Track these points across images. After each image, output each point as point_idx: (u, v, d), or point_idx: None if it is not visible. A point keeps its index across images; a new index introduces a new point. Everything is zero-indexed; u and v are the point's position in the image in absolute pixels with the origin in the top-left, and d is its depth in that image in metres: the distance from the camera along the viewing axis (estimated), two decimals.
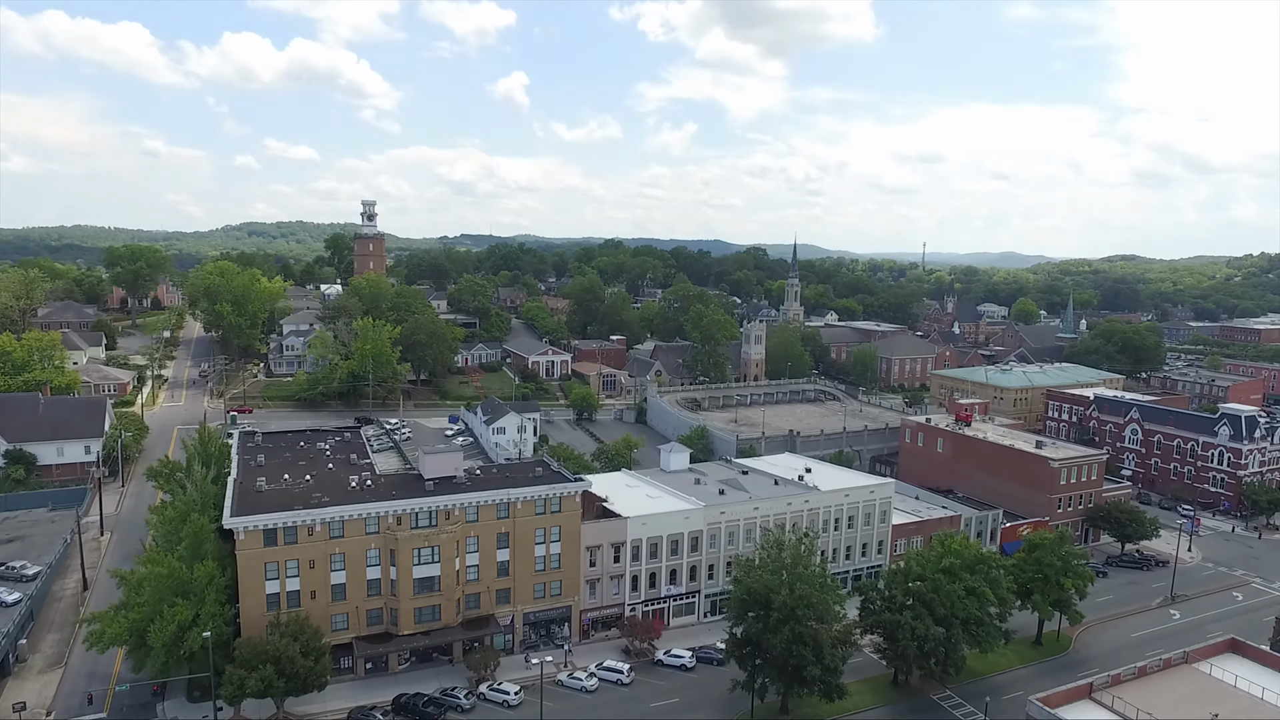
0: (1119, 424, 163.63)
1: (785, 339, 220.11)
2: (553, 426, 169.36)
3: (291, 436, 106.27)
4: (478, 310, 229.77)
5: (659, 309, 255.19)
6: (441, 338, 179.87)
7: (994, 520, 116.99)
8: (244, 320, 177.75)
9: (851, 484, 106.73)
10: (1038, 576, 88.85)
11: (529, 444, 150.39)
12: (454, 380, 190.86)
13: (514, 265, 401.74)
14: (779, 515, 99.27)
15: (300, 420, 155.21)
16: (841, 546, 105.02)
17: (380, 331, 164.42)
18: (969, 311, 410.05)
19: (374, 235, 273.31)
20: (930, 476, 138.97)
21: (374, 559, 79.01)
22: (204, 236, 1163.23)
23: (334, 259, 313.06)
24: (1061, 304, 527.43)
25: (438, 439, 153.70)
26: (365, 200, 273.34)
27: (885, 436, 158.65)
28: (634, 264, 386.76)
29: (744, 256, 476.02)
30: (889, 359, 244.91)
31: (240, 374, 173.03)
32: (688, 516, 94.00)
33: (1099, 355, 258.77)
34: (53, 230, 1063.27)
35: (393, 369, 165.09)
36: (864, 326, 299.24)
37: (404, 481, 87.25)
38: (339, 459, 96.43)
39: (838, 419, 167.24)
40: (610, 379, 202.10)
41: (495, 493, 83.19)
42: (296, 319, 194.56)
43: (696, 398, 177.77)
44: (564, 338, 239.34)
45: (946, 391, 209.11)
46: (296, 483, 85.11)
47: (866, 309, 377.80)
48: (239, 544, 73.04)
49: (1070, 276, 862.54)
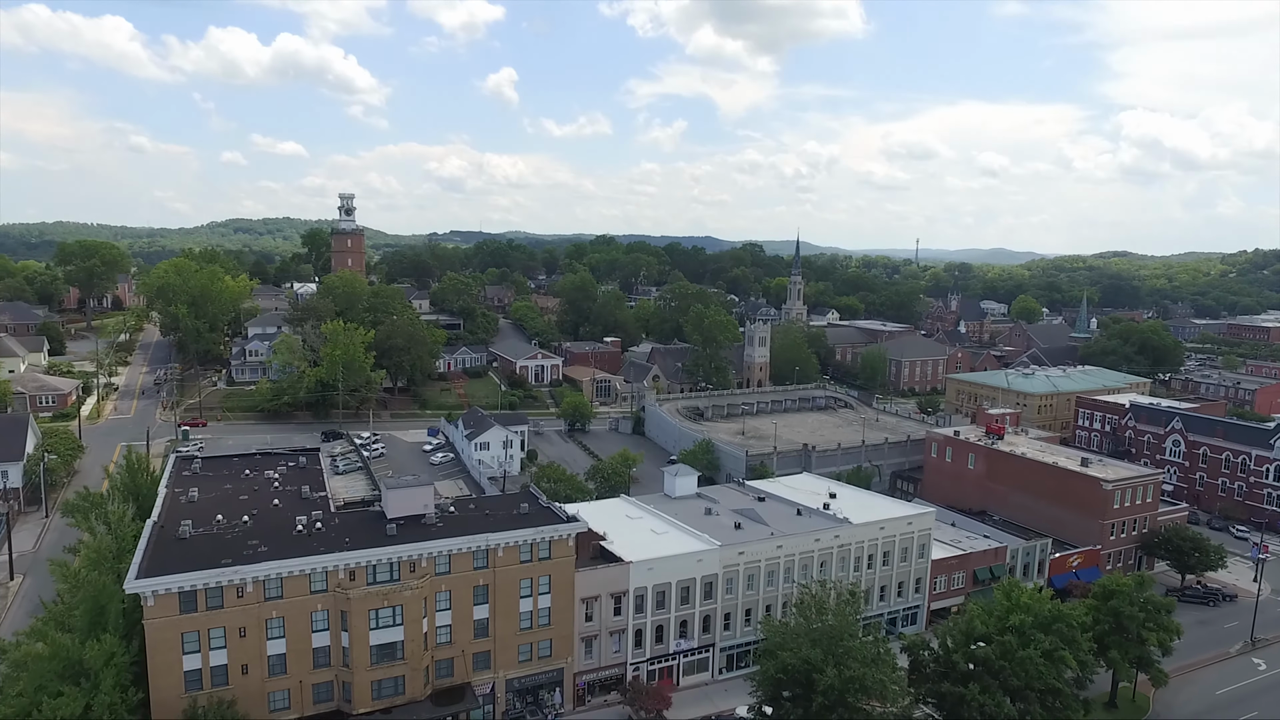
0: (1159, 435, 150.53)
1: (791, 341, 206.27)
2: (542, 439, 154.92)
3: (238, 462, 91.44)
4: (462, 310, 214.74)
5: (655, 309, 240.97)
6: (421, 341, 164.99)
7: (1042, 551, 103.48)
8: (203, 323, 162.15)
9: (886, 514, 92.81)
10: (1115, 630, 75.28)
11: (516, 460, 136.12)
12: (435, 387, 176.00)
13: (503, 262, 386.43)
14: (805, 554, 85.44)
15: (262, 434, 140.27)
16: (875, 586, 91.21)
17: (352, 335, 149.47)
18: (972, 309, 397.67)
19: (353, 230, 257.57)
20: (959, 496, 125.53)
21: (321, 622, 64.50)
22: (189, 233, 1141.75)
23: (311, 256, 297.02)
24: (1063, 301, 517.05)
25: (414, 455, 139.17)
26: (343, 194, 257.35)
27: (906, 450, 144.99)
28: (627, 261, 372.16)
29: (740, 253, 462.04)
30: (898, 361, 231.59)
31: (197, 383, 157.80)
32: (701, 559, 79.88)
33: (1116, 356, 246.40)
34: (34, 227, 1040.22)
35: (366, 376, 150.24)
36: (869, 326, 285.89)
37: (362, 523, 72.68)
38: (289, 491, 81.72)
39: (854, 430, 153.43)
40: (604, 385, 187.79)
41: (471, 539, 68.76)
42: (263, 321, 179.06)
43: (699, 406, 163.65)
44: (554, 339, 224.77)
45: (964, 397, 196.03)
46: (231, 525, 70.40)
47: (868, 307, 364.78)
48: (147, 611, 58.39)
49: (1065, 273, 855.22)
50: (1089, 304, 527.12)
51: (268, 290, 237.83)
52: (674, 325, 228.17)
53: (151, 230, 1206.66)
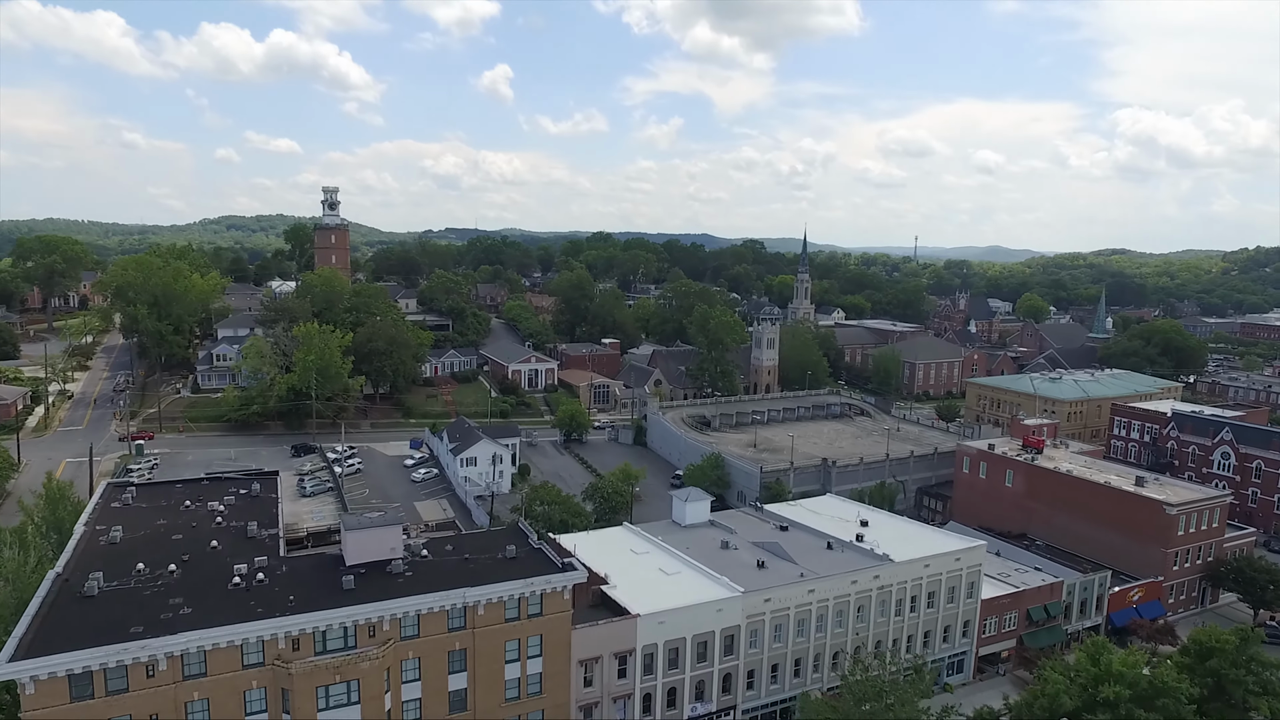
0: (1205, 447, 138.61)
1: (800, 343, 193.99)
2: (536, 451, 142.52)
3: (180, 490, 78.70)
4: (451, 310, 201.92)
5: (655, 308, 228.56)
6: (405, 344, 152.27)
7: (1100, 585, 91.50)
8: (166, 325, 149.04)
9: (931, 549, 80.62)
10: (1215, 696, 63.27)
11: (506, 476, 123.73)
12: (420, 394, 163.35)
13: (496, 259, 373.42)
14: (841, 599, 73.28)
15: (227, 448, 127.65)
16: (918, 632, 79.13)
17: (327, 338, 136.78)
18: (981, 308, 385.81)
19: (336, 226, 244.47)
20: (994, 516, 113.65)
21: (257, 703, 52.09)
22: (181, 230, 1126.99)
23: (295, 252, 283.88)
24: (1068, 299, 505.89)
25: (394, 471, 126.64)
26: (327, 187, 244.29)
27: (934, 464, 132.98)
28: (625, 258, 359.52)
29: (741, 250, 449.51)
30: (912, 364, 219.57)
31: (159, 391, 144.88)
32: (721, 608, 67.62)
33: (1139, 358, 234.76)
34: (23, 224, 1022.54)
35: (343, 384, 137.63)
36: (879, 326, 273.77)
37: (316, 571, 60.26)
38: (233, 528, 69.18)
39: (875, 442, 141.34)
40: (603, 390, 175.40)
41: (446, 596, 56.36)
42: (234, 323, 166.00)
43: (705, 415, 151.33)
44: (549, 341, 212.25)
45: (985, 403, 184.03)
46: (154, 576, 57.89)
47: (874, 306, 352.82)
48: (26, 702, 45.87)
49: (1066, 270, 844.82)
50: (1091, 302, 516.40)
51: (243, 289, 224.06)
52: (676, 325, 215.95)
53: (143, 227, 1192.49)
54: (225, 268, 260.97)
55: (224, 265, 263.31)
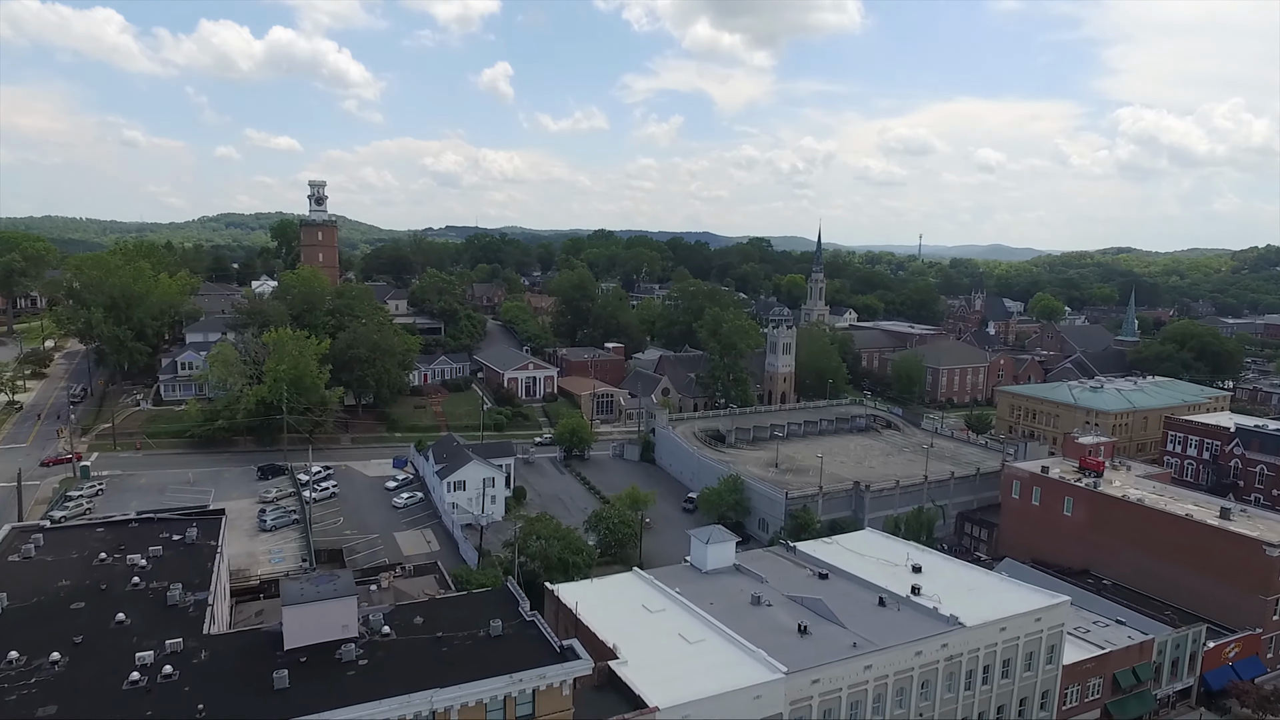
0: (1276, 466, 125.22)
1: (818, 348, 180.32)
2: (533, 470, 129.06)
3: (100, 536, 65.26)
4: (443, 313, 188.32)
5: (662, 309, 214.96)
6: (390, 351, 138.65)
7: (1194, 641, 78.05)
8: (125, 330, 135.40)
9: (1004, 607, 66.88)
10: None
11: (499, 501, 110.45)
12: (407, 404, 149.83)
13: (495, 257, 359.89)
14: (902, 674, 59.84)
15: (186, 468, 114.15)
16: (990, 708, 65.65)
17: (301, 345, 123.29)
18: (997, 309, 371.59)
19: (324, 222, 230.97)
20: (1050, 549, 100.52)
21: None
22: (179, 228, 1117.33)
23: (282, 249, 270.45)
24: (1081, 299, 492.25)
25: (373, 495, 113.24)
26: (314, 181, 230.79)
27: (975, 486, 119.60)
28: (628, 257, 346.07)
29: (747, 248, 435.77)
30: (935, 369, 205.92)
31: (117, 403, 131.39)
32: (759, 695, 54.10)
33: (1173, 363, 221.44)
34: (19, 221, 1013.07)
35: (319, 395, 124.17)
36: (896, 329, 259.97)
37: (245, 657, 46.86)
38: (153, 592, 55.74)
39: (907, 460, 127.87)
40: (606, 400, 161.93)
41: (407, 701, 42.83)
42: (205, 327, 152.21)
43: (720, 430, 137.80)
44: (549, 344, 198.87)
45: (1019, 413, 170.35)
46: (26, 671, 44.46)
47: (887, 306, 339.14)
48: None
49: (1074, 269, 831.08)
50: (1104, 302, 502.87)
51: (220, 290, 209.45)
52: (684, 328, 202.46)
53: (141, 225, 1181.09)
54: (206, 266, 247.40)
55: (204, 263, 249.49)
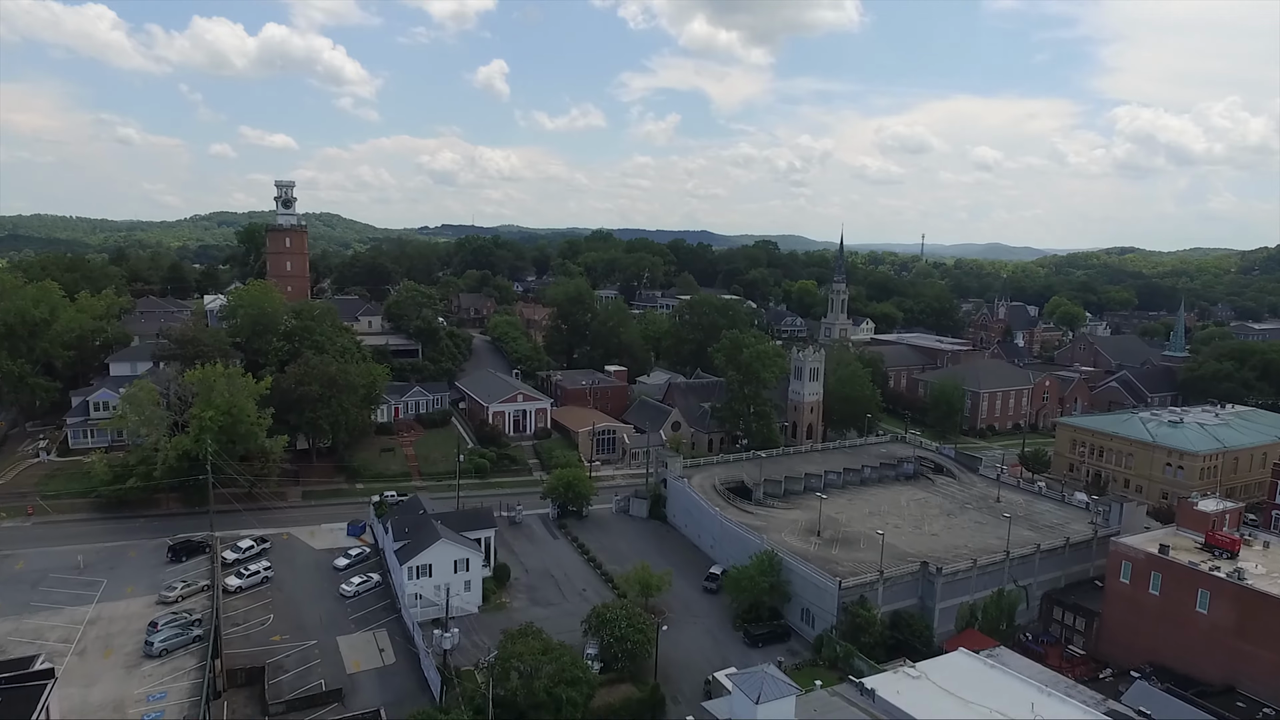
0: None
1: (848, 373, 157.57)
2: (520, 533, 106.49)
3: None
4: (420, 332, 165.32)
5: (669, 325, 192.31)
6: (350, 387, 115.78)
7: None
8: (23, 364, 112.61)
9: None
10: None
11: (475, 587, 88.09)
12: (374, 446, 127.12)
13: (486, 262, 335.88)
14: None
15: (88, 540, 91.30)
16: None
17: (235, 384, 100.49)
18: (1021, 317, 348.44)
19: (293, 227, 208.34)
20: (1177, 653, 78.99)
21: None
22: (170, 227, 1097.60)
23: (250, 256, 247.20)
24: (1099, 304, 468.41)
25: (318, 579, 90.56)
26: (280, 181, 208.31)
27: (1064, 559, 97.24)
28: (628, 261, 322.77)
29: (754, 251, 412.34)
30: (975, 393, 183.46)
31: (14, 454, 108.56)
32: None
33: (1232, 383, 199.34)
34: (8, 220, 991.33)
35: (258, 444, 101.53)
36: (922, 343, 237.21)
37: None
38: None
39: (975, 522, 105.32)
40: (607, 436, 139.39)
41: None
42: (137, 355, 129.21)
43: (744, 480, 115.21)
44: (542, 366, 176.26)
45: (1082, 450, 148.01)
46: None
47: (907, 315, 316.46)
48: None
49: (1081, 270, 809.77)
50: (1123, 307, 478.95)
51: (167, 307, 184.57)
52: (694, 347, 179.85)
53: (132, 224, 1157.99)
54: (163, 275, 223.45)
55: (160, 272, 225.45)
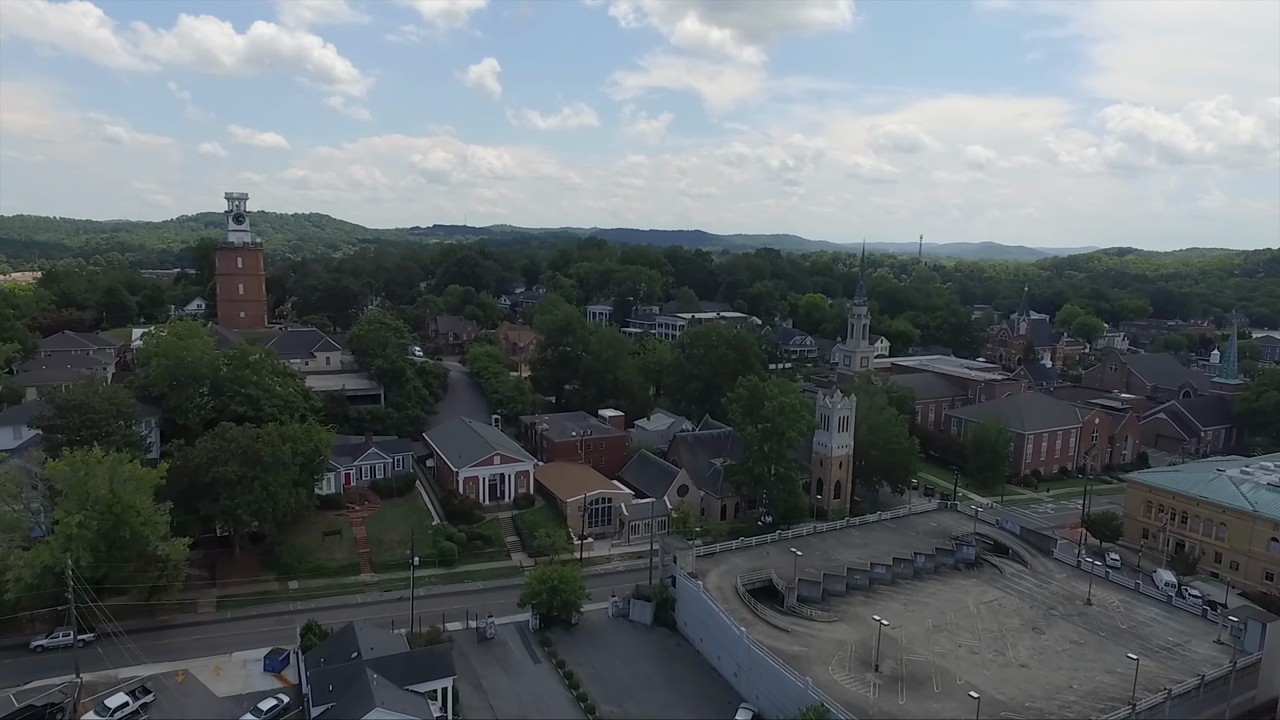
0: None
1: (882, 421, 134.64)
2: (491, 656, 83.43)
3: None
4: (383, 374, 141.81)
5: (671, 358, 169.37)
6: (278, 465, 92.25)
7: None
8: None
9: None
10: None
11: None
12: (316, 528, 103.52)
13: (472, 274, 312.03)
14: None
15: None
16: None
17: (116, 473, 77.19)
18: (1043, 333, 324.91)
19: (244, 245, 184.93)
20: None
21: None
22: (155, 228, 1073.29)
23: (203, 276, 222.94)
24: (1112, 312, 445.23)
25: None
26: (232, 194, 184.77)
27: (1196, 704, 74.87)
28: (624, 275, 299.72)
29: (756, 260, 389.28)
30: (1021, 434, 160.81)
31: None
32: None
33: None
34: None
35: (150, 549, 78.37)
36: (949, 369, 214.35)
37: None
38: None
39: (1071, 642, 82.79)
40: (603, 506, 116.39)
41: None
42: (17, 417, 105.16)
43: (773, 577, 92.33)
44: (526, 408, 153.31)
45: (1158, 512, 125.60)
46: None
47: (922, 332, 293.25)
48: None
49: (1083, 273, 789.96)
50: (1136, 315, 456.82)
51: (82, 345, 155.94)
52: (700, 385, 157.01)
53: (116, 224, 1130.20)
54: (98, 300, 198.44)
55: (95, 295, 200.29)
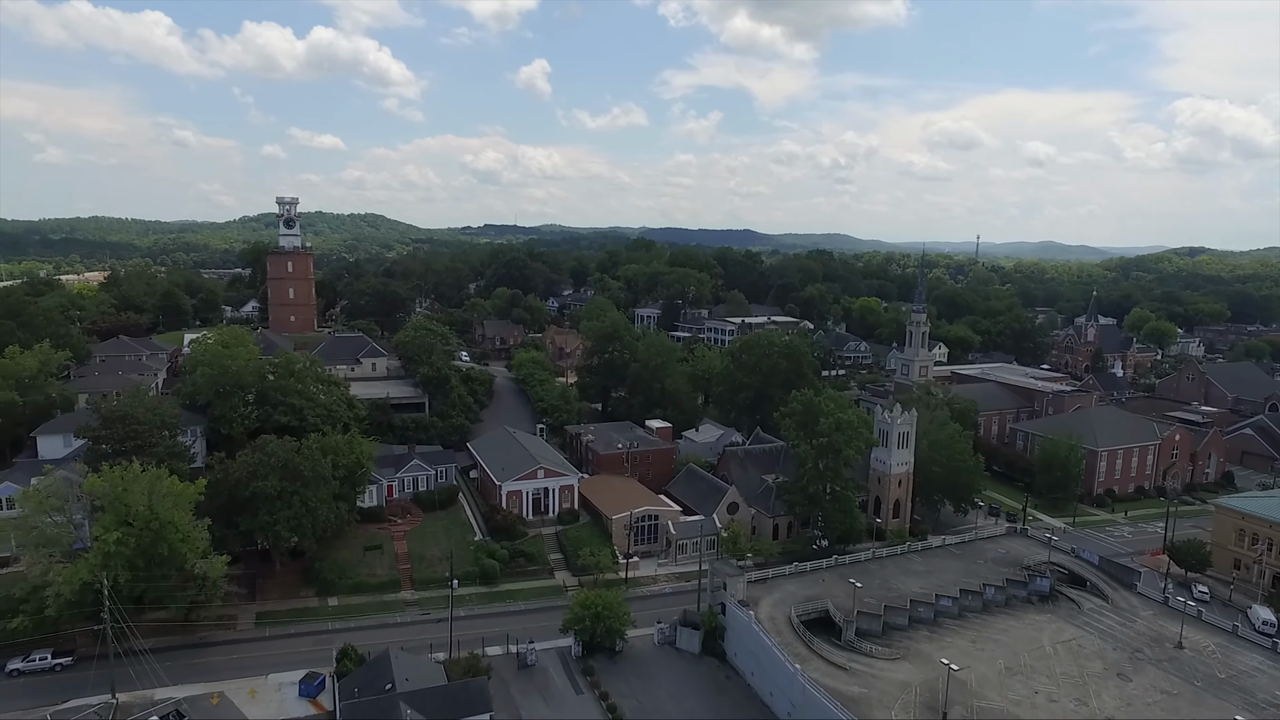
0: None
1: (944, 437, 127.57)
2: (532, 684, 79.75)
3: None
4: (428, 381, 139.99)
5: (721, 367, 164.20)
6: (321, 478, 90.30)
7: None
8: None
9: None
10: None
11: None
12: (357, 543, 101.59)
13: (519, 277, 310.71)
14: None
15: None
16: None
17: (155, 487, 75.77)
18: (1113, 338, 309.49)
19: (294, 249, 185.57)
20: None
21: None
22: (219, 228, 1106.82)
23: (256, 278, 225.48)
24: (1186, 316, 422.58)
25: None
26: (283, 198, 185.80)
27: None
28: (672, 277, 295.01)
29: (808, 263, 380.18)
30: (1093, 450, 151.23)
31: None
32: None
33: None
34: (65, 222, 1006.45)
35: (190, 566, 76.76)
36: (1013, 380, 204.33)
37: None
38: None
39: (1162, 692, 75.55)
40: (649, 523, 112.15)
41: None
42: (68, 425, 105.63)
43: (829, 608, 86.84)
44: (572, 417, 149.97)
45: (1250, 541, 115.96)
46: None
47: (983, 338, 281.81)
48: None
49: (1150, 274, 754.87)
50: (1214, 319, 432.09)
51: (136, 350, 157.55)
52: (750, 395, 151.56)
53: (183, 225, 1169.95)
54: (155, 303, 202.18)
55: (154, 299, 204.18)
